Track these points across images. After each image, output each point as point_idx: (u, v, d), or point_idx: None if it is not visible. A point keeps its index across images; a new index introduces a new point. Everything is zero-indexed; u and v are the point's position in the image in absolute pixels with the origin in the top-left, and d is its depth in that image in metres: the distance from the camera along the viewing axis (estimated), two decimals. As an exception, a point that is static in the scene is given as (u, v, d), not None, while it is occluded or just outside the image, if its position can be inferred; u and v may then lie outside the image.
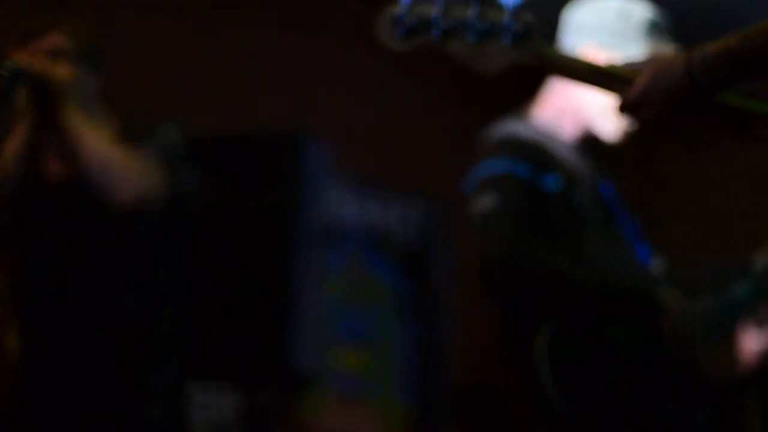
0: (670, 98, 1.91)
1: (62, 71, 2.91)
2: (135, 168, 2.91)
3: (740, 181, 6.75)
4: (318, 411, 6.20)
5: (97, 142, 2.90)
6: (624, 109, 1.94)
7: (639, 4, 2.94)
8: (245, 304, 3.83)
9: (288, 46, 6.30)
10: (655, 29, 2.91)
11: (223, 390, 5.68)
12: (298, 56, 6.34)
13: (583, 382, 2.69)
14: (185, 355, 3.07)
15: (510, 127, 2.95)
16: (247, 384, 4.05)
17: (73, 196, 2.93)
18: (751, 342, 3.13)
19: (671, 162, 6.75)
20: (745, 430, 2.86)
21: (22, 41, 2.99)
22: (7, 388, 2.99)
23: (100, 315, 2.93)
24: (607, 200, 2.93)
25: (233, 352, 3.86)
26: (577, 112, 2.94)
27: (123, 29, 5.48)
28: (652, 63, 1.95)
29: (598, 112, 2.90)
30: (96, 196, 2.89)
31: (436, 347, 6.82)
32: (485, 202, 2.83)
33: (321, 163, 4.02)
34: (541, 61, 2.02)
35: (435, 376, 6.78)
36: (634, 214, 2.98)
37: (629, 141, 2.91)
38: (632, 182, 3.25)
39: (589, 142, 2.97)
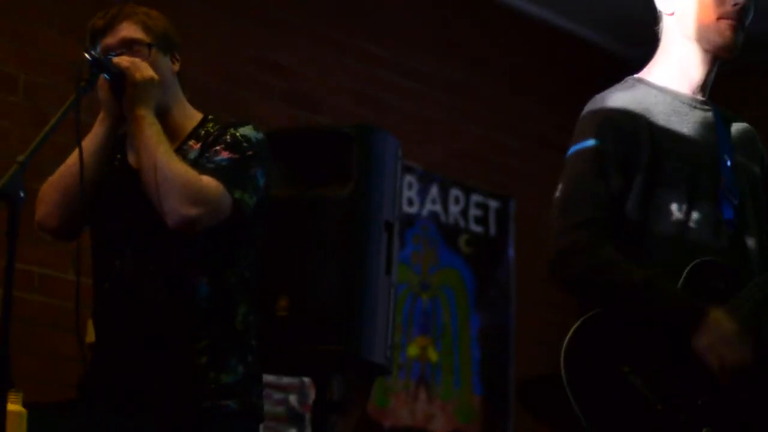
0: None
1: (142, 70, 2.92)
2: (188, 191, 2.84)
3: None
4: (388, 401, 6.22)
5: (159, 151, 2.87)
6: None
7: None
8: (316, 296, 3.84)
9: (357, 40, 6.31)
10: None
11: (294, 381, 5.72)
12: (367, 49, 6.35)
13: (600, 385, 2.65)
14: (258, 347, 3.08)
15: (602, 100, 2.90)
16: (319, 374, 4.07)
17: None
18: None
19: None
20: None
21: (98, 34, 3.01)
22: (83, 380, 3.01)
23: (174, 310, 2.92)
24: (720, 157, 2.88)
25: (304, 343, 3.88)
26: (684, 51, 2.91)
27: (190, 25, 5.53)
28: None
29: (703, 28, 2.86)
30: None
31: (505, 337, 6.81)
32: (559, 188, 2.80)
33: (391, 155, 4.03)
34: None
35: (504, 365, 6.77)
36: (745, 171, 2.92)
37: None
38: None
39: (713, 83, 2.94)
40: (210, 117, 3.10)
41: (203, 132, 3.04)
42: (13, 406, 2.60)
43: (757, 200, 2.91)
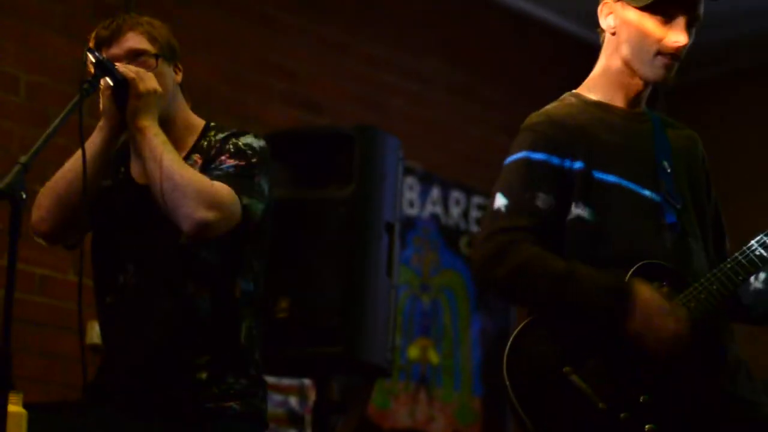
0: None
1: (146, 81, 2.89)
2: (202, 195, 2.81)
3: None
4: (388, 402, 6.21)
5: (167, 160, 2.84)
6: None
7: None
8: (317, 297, 3.85)
9: (359, 42, 6.31)
10: None
11: (294, 382, 5.71)
12: (369, 51, 6.35)
13: (542, 388, 2.69)
14: (261, 350, 3.07)
15: (537, 116, 2.94)
16: (319, 376, 4.07)
17: (154, 197, 2.88)
18: None
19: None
20: None
21: (102, 44, 2.98)
22: (90, 384, 2.98)
23: (175, 326, 2.90)
24: (658, 164, 2.89)
25: (305, 345, 3.88)
26: (619, 69, 2.92)
27: (194, 28, 5.53)
28: None
29: (638, 59, 2.87)
30: None
31: (505, 339, 6.80)
32: (491, 199, 2.85)
33: (392, 156, 4.03)
34: None
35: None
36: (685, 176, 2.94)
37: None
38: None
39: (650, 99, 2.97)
40: (212, 125, 3.07)
41: (206, 144, 3.01)
42: (14, 408, 2.59)
43: (699, 204, 2.94)
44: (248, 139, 3.00)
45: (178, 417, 2.89)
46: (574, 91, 3.00)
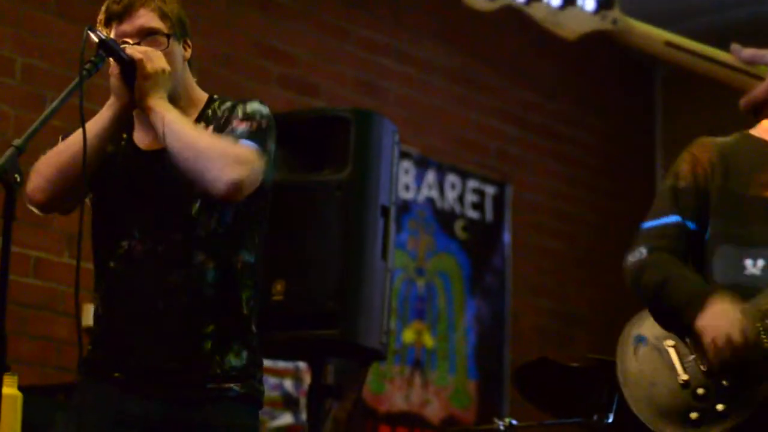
0: None
1: (154, 61, 2.87)
2: (227, 155, 2.82)
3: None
4: (383, 386, 6.22)
5: (185, 130, 2.84)
6: None
7: None
8: (312, 280, 3.85)
9: (356, 26, 6.31)
10: None
11: (289, 365, 5.72)
12: (366, 35, 6.35)
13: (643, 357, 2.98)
14: (259, 330, 3.07)
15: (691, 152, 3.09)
16: (314, 359, 4.08)
17: (161, 165, 2.89)
18: None
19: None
20: None
21: (113, 19, 2.95)
22: (86, 358, 2.97)
23: (181, 295, 2.90)
24: None
25: (300, 328, 3.88)
26: None
27: (190, 9, 5.52)
28: None
29: None
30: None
31: (500, 322, 6.81)
32: (635, 255, 3.04)
33: (388, 139, 4.03)
34: (620, 31, 2.16)
35: (499, 351, 6.78)
36: None
37: None
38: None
39: None
40: (215, 97, 3.08)
41: (210, 113, 3.02)
42: (9, 390, 2.59)
43: None
44: (255, 106, 3.01)
45: (179, 397, 2.90)
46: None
